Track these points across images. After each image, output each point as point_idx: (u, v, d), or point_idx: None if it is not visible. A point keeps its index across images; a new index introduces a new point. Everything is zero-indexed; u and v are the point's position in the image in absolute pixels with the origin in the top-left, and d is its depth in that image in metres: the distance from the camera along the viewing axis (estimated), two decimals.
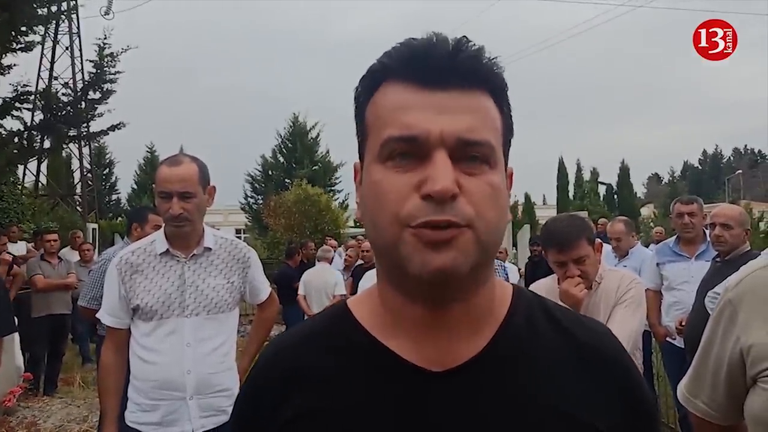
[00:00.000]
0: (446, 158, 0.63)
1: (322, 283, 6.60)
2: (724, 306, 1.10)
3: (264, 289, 2.51)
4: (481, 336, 0.71)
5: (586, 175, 40.42)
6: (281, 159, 28.91)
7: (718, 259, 3.51)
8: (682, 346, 3.67)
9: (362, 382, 0.71)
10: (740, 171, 56.56)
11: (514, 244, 14.69)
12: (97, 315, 2.30)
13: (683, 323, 3.70)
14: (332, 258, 7.09)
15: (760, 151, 78.21)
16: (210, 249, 2.26)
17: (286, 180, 25.68)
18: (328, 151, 28.16)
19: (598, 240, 2.42)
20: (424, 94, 0.65)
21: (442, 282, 0.64)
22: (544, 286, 2.50)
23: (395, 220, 0.64)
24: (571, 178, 40.93)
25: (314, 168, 26.74)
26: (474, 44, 0.68)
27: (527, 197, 35.34)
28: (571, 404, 0.69)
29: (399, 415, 0.68)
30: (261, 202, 25.66)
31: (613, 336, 0.79)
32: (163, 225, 2.26)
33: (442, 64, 0.65)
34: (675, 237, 4.19)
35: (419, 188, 0.63)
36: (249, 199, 29.21)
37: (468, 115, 0.65)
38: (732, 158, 77.51)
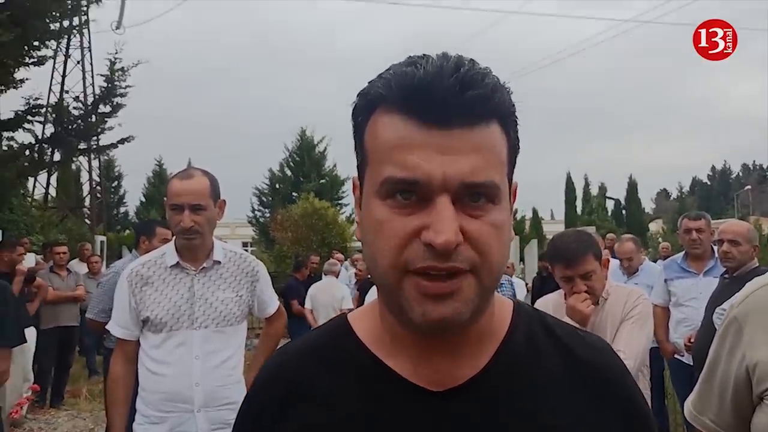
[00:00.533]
0: (449, 204, 0.61)
1: (329, 297, 6.60)
2: (730, 323, 1.10)
3: (272, 302, 2.53)
4: (481, 355, 0.71)
5: (594, 190, 40.32)
6: (288, 173, 29.01)
7: (726, 276, 3.49)
8: (690, 363, 3.64)
9: (362, 400, 0.70)
10: (749, 187, 56.23)
11: (522, 259, 14.64)
12: (107, 326, 2.32)
13: (692, 340, 3.68)
14: (339, 272, 7.10)
15: None
16: (219, 262, 2.28)
17: (293, 194, 25.74)
18: (335, 165, 28.27)
19: (605, 256, 2.42)
20: (426, 132, 0.62)
21: (441, 329, 0.64)
22: (552, 302, 2.50)
23: (395, 265, 0.63)
24: (579, 193, 40.80)
25: (321, 182, 26.83)
26: (482, 72, 0.63)
27: (535, 212, 35.24)
28: (571, 423, 0.69)
29: None
30: (268, 215, 25.73)
31: (614, 352, 0.79)
32: (174, 238, 2.28)
33: (448, 101, 0.61)
34: (683, 253, 4.17)
35: (420, 232, 0.61)
36: (256, 212, 29.30)
37: (472, 156, 0.62)
38: (741, 174, 77.01)
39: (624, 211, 40.33)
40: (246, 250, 2.81)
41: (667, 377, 4.80)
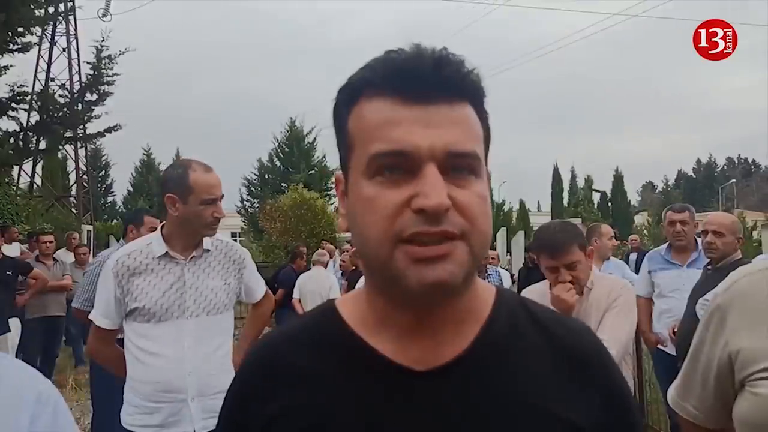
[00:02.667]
0: (437, 172, 0.64)
1: (318, 286, 6.61)
2: (714, 311, 1.12)
3: (259, 288, 2.56)
4: (464, 336, 0.73)
5: (581, 183, 40.63)
6: (278, 163, 28.89)
7: (709, 267, 3.54)
8: (673, 353, 3.69)
9: (347, 381, 0.72)
10: (734, 180, 56.83)
11: (509, 250, 14.72)
12: (90, 316, 2.30)
13: (676, 331, 3.72)
14: (327, 262, 7.11)
15: (753, 161, 78.57)
16: (208, 251, 2.29)
17: (283, 184, 25.66)
18: (324, 156, 28.17)
19: (590, 247, 2.45)
20: (410, 109, 0.66)
21: (437, 294, 0.65)
22: (537, 291, 2.52)
23: (387, 237, 0.64)
24: (566, 185, 41.14)
25: (310, 172, 26.76)
26: (456, 56, 0.69)
27: (522, 204, 35.47)
28: (552, 402, 0.71)
29: (382, 414, 0.70)
30: (257, 205, 25.64)
31: (593, 334, 0.81)
32: (160, 228, 2.28)
33: (427, 79, 0.66)
34: (667, 245, 4.21)
35: (410, 203, 0.64)
36: (245, 202, 29.19)
37: (455, 128, 0.66)
38: (726, 167, 77.69)
39: (610, 204, 40.64)
40: (235, 241, 2.82)
41: (650, 366, 4.87)
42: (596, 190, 40.24)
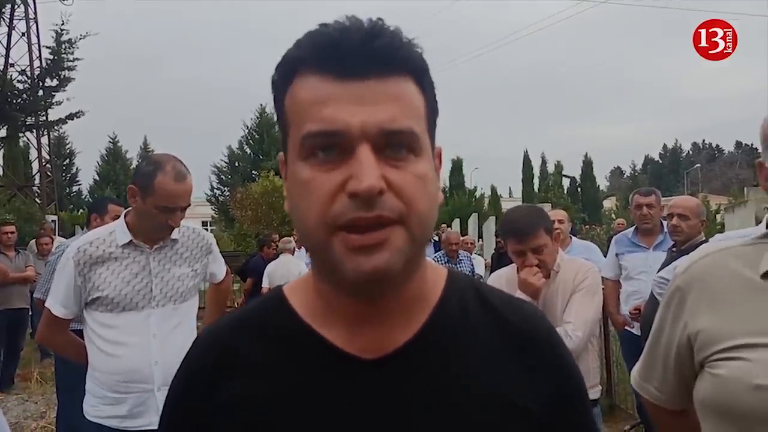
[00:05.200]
0: (369, 153, 0.61)
1: (287, 273, 6.57)
2: (674, 292, 1.11)
3: (223, 270, 2.59)
4: (413, 322, 0.71)
5: (551, 168, 41.10)
6: (248, 150, 28.60)
7: (674, 249, 3.61)
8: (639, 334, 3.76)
9: (295, 370, 0.70)
10: (698, 165, 58.18)
11: (480, 236, 14.84)
12: (47, 305, 2.24)
13: (637, 309, 3.80)
14: (294, 249, 7.07)
15: (717, 146, 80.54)
16: (176, 240, 2.26)
17: (253, 172, 25.41)
18: None
19: (557, 230, 2.46)
20: (341, 85, 0.62)
21: (375, 283, 0.63)
22: (505, 275, 2.54)
23: (323, 223, 0.62)
24: (536, 171, 41.56)
25: (280, 153, 26.50)
26: (390, 26, 0.65)
27: (493, 189, 35.74)
28: (503, 387, 0.70)
29: (330, 403, 0.68)
30: (227, 194, 25.35)
31: (543, 317, 0.81)
32: (124, 215, 2.22)
33: (357, 52, 0.62)
34: (633, 228, 4.28)
35: (344, 186, 0.61)
36: (215, 190, 28.86)
37: (388, 104, 0.63)
38: (691, 152, 79.48)
39: (579, 189, 41.26)
40: (206, 230, 2.79)
41: (617, 347, 4.96)
42: (566, 176, 40.76)
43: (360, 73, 0.63)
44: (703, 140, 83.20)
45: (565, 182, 40.45)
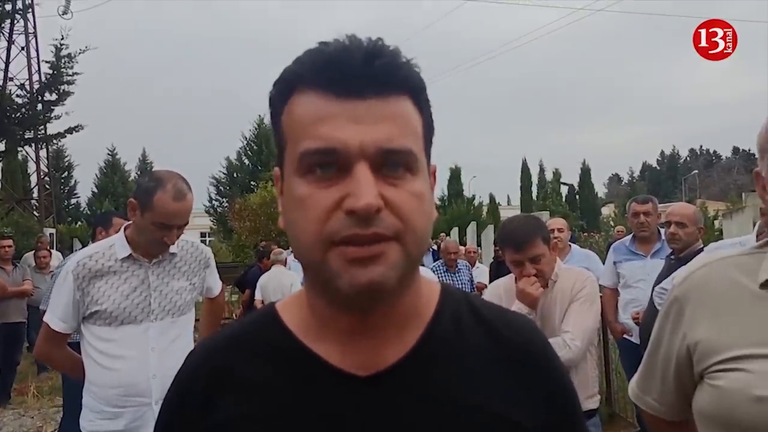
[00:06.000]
0: (367, 171, 0.62)
1: (279, 285, 6.55)
2: (672, 303, 1.10)
3: (218, 284, 2.60)
4: (407, 338, 0.71)
5: (549, 176, 41.16)
6: (246, 161, 28.62)
7: (672, 257, 3.60)
8: (638, 343, 3.75)
9: (289, 388, 0.70)
10: (696, 171, 58.28)
11: (479, 244, 14.83)
12: (45, 319, 2.23)
13: (639, 314, 3.79)
14: (286, 260, 7.07)
15: (715, 152, 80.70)
16: (174, 254, 2.26)
17: (252, 183, 25.42)
18: None
19: (556, 238, 2.46)
20: (340, 104, 0.63)
21: (370, 296, 0.63)
22: (503, 285, 2.53)
23: (319, 239, 0.62)
24: (535, 179, 41.64)
25: (276, 168, 26.53)
26: (390, 47, 0.66)
27: (492, 198, 35.82)
28: (498, 403, 0.70)
29: (325, 420, 0.68)
30: (226, 205, 25.36)
31: (537, 331, 0.81)
32: (123, 229, 2.22)
33: (358, 72, 0.63)
34: (631, 236, 4.28)
35: (341, 204, 0.62)
36: (214, 201, 28.87)
37: (387, 124, 0.63)
38: (689, 159, 79.66)
39: (578, 196, 41.36)
40: (204, 241, 2.80)
41: (616, 356, 4.94)
42: (564, 183, 40.86)
43: (359, 93, 0.63)
44: (701, 146, 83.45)
45: (564, 190, 40.53)
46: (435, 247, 9.65)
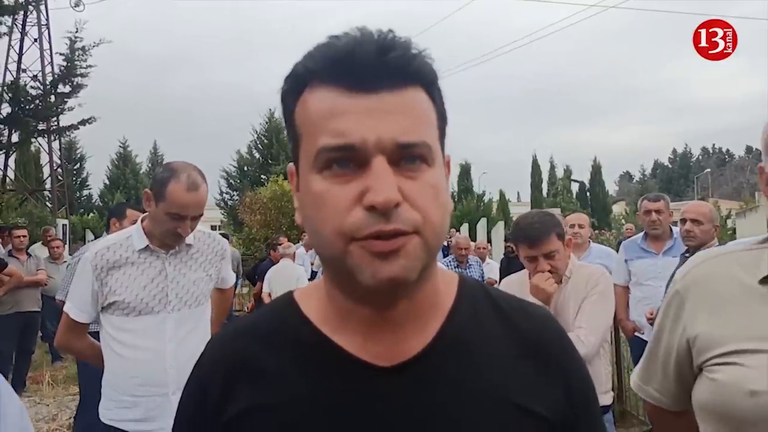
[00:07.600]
0: (386, 165, 0.61)
1: (286, 278, 6.59)
2: (673, 296, 1.12)
3: (232, 276, 2.62)
4: (427, 330, 0.71)
5: (559, 173, 40.98)
6: (257, 155, 28.69)
7: (687, 254, 3.59)
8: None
9: (309, 378, 0.70)
10: (708, 170, 57.82)
11: (489, 240, 14.81)
12: (65, 309, 2.26)
13: (653, 313, 3.78)
14: (294, 254, 7.12)
15: (728, 150, 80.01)
16: (190, 245, 2.27)
17: (262, 176, 25.50)
18: None
19: (574, 234, 2.46)
20: (354, 98, 0.62)
21: (392, 290, 0.63)
22: (517, 280, 2.54)
23: (340, 234, 0.62)
24: (545, 175, 41.47)
25: (290, 164, 26.59)
26: (402, 39, 0.65)
27: (502, 194, 35.68)
28: (517, 393, 0.71)
29: (346, 411, 0.68)
30: (236, 198, 25.46)
31: (555, 322, 0.81)
32: (140, 220, 2.24)
33: (370, 65, 0.62)
34: (643, 233, 4.27)
35: (361, 199, 0.61)
36: (224, 195, 28.99)
37: (402, 116, 0.63)
38: (701, 157, 79.02)
39: (588, 194, 41.12)
40: None
41: (627, 353, 4.94)
42: (575, 180, 40.68)
43: (373, 86, 0.63)
44: (713, 145, 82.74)
45: (574, 187, 40.36)
46: (445, 243, 9.65)
